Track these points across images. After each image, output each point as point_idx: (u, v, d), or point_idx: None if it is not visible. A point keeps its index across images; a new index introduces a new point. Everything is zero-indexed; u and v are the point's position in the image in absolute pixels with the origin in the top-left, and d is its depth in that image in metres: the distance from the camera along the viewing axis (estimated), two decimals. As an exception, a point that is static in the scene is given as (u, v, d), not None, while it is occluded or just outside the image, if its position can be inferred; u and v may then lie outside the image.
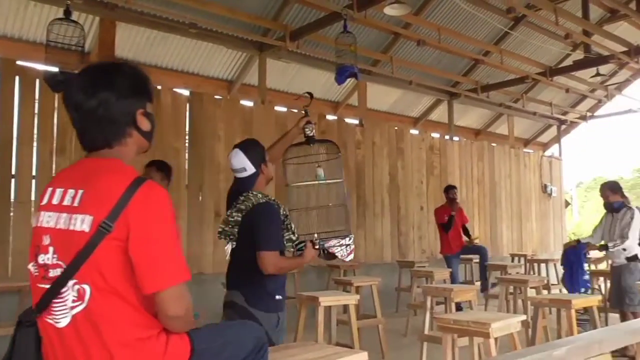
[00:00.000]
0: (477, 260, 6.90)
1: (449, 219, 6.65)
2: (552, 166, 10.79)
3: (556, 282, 7.41)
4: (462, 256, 6.91)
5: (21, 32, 5.45)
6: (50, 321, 1.24)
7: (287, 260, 2.43)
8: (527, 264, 7.70)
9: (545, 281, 4.96)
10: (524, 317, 2.87)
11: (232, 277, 2.50)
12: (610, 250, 4.61)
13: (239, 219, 2.42)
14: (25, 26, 5.41)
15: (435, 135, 8.81)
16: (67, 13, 4.39)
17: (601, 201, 5.04)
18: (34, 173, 4.83)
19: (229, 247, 2.47)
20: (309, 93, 2.96)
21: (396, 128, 8.04)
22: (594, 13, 7.60)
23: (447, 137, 8.92)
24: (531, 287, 4.76)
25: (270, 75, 6.77)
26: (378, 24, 6.17)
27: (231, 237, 2.45)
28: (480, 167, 9.26)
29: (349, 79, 5.23)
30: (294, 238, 2.45)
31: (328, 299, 3.74)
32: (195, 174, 5.88)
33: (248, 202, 2.40)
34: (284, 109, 6.76)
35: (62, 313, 1.22)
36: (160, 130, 5.48)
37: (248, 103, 6.46)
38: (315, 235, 2.57)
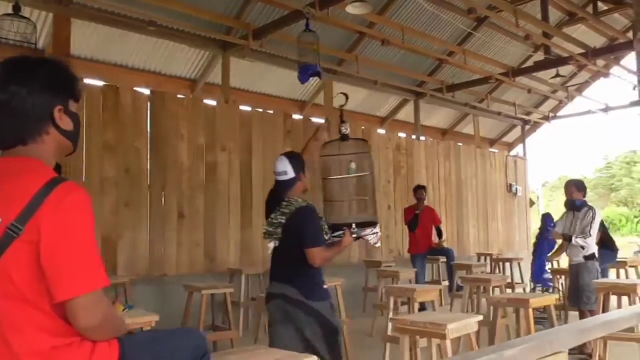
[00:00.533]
0: (444, 260, 6.95)
1: (413, 218, 6.69)
2: (517, 166, 10.97)
3: (520, 281, 7.52)
4: (429, 257, 6.96)
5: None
6: None
7: (330, 251, 2.81)
8: (493, 263, 7.79)
9: (509, 280, 5.01)
10: (480, 317, 2.86)
11: (278, 271, 2.92)
12: (573, 242, 4.67)
13: (283, 221, 2.84)
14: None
15: (402, 134, 8.85)
16: (17, 8, 4.24)
17: None
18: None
19: (271, 245, 2.91)
20: (344, 93, 3.36)
21: (363, 127, 8.03)
22: (553, 16, 7.75)
23: (413, 136, 8.96)
24: (494, 286, 4.80)
25: (234, 74, 6.66)
26: (342, 22, 6.14)
27: (275, 236, 2.87)
28: (447, 167, 9.34)
29: (312, 78, 5.20)
30: (326, 238, 2.85)
31: (288, 301, 3.66)
32: (157, 174, 5.74)
33: (291, 207, 2.83)
34: (249, 108, 6.67)
35: None
36: (120, 130, 5.43)
37: (211, 102, 6.34)
38: (354, 225, 2.97)
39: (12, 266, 1.12)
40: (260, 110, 6.76)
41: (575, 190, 5.06)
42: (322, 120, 7.71)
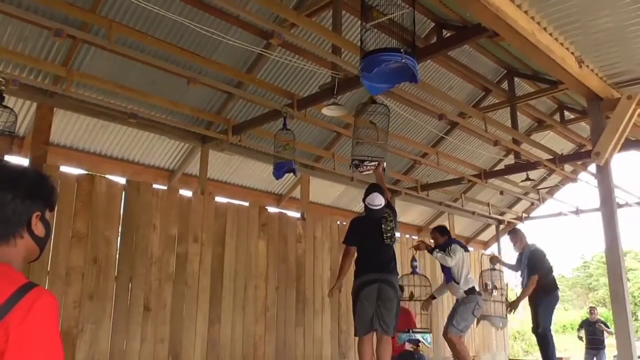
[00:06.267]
0: (416, 361, 6.74)
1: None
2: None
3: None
4: None
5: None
6: None
7: None
8: (470, 368, 7.55)
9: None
10: None
11: (388, 265, 4.98)
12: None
13: (394, 230, 5.00)
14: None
15: (378, 230, 8.88)
16: (0, 98, 4.33)
17: None
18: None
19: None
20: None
21: (338, 223, 8.07)
22: (523, 122, 8.17)
23: (389, 233, 9.00)
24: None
25: (212, 166, 6.76)
26: (319, 122, 6.38)
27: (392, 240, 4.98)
28: (422, 263, 9.30)
29: (287, 174, 5.32)
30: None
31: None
32: (125, 265, 5.61)
33: (391, 217, 5.07)
34: (225, 200, 6.69)
35: None
36: (92, 219, 5.36)
37: (187, 193, 6.36)
38: None
39: None
40: (236, 202, 6.78)
41: (439, 235, 6.48)
42: (297, 214, 7.80)
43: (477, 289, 6.35)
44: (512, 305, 7.33)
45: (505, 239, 11.56)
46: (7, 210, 1.29)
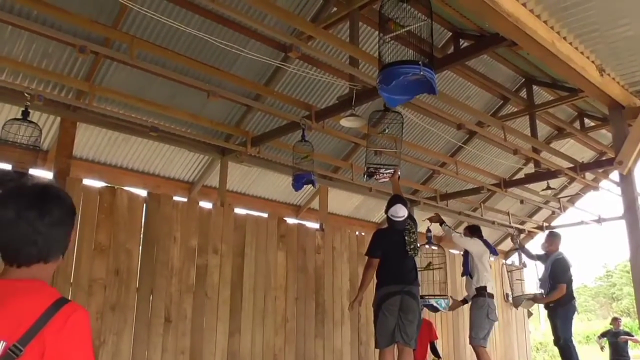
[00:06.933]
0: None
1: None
2: (514, 275, 10.82)
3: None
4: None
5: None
6: None
7: None
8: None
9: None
10: None
11: (410, 276, 5.09)
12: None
13: (416, 237, 5.10)
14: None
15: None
16: (25, 114, 4.43)
17: None
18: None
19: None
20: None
21: (357, 233, 8.05)
22: (542, 130, 8.09)
23: (408, 243, 8.95)
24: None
25: (232, 177, 6.82)
26: (337, 134, 6.39)
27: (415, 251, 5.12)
28: (442, 274, 9.21)
29: (305, 185, 5.34)
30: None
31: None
32: (146, 276, 5.66)
33: (413, 229, 5.19)
34: (244, 212, 6.73)
35: None
36: (114, 231, 5.43)
37: (207, 205, 6.41)
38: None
39: None
40: (255, 213, 6.82)
41: (469, 234, 6.56)
42: (316, 225, 7.82)
43: (489, 290, 6.40)
44: (536, 300, 7.41)
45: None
46: (62, 230, 1.35)
